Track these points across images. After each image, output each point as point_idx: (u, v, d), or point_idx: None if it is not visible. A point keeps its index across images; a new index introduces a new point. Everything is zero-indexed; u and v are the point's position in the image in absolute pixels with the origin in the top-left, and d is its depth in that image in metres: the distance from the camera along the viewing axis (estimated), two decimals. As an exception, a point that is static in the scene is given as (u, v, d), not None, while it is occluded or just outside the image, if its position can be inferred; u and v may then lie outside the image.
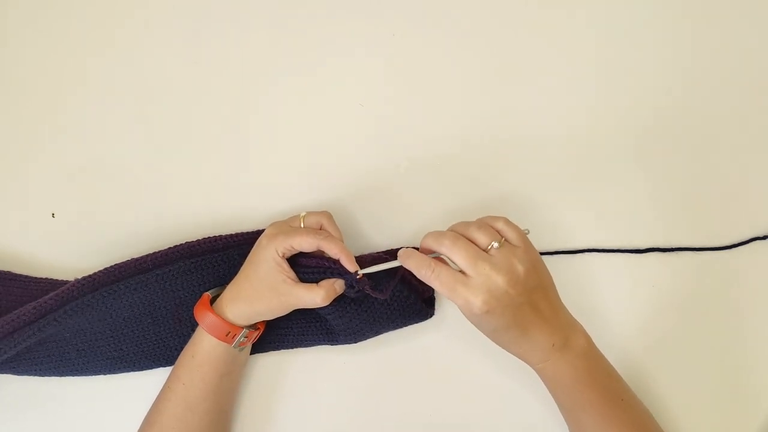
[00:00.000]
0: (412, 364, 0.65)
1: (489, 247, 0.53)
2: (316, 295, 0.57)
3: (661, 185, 0.68)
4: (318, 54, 0.69)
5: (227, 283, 0.62)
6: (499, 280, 0.51)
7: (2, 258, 0.66)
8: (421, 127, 0.68)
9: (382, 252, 0.65)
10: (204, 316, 0.58)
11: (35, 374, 0.62)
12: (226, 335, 0.58)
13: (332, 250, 0.57)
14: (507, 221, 0.55)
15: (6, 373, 0.62)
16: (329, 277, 0.58)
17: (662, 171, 0.68)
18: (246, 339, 0.59)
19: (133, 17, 0.70)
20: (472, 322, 0.54)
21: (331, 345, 0.64)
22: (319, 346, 0.65)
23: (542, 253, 0.66)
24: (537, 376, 0.58)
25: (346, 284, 0.58)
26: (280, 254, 0.57)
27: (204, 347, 0.58)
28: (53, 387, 0.64)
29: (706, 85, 0.70)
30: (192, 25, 0.70)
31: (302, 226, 0.59)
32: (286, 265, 0.58)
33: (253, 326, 0.60)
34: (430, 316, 0.64)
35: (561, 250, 0.67)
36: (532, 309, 0.54)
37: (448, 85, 0.69)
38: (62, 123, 0.68)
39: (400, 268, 0.57)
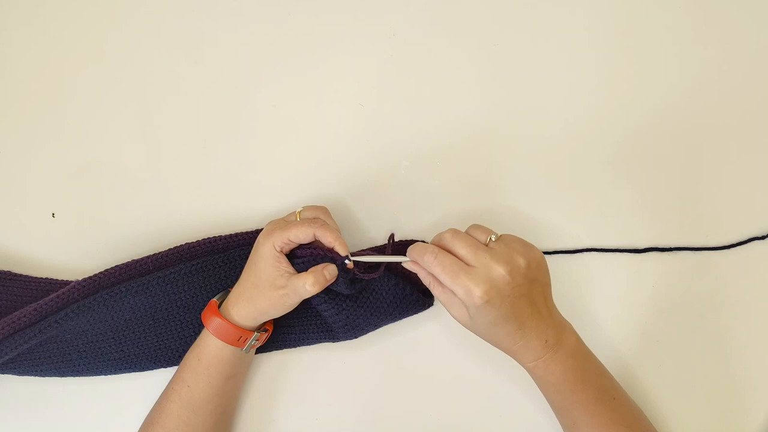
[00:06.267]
0: (412, 362, 0.65)
1: (488, 240, 0.54)
2: (306, 281, 0.56)
3: (660, 185, 0.68)
4: (318, 54, 0.70)
5: (230, 287, 0.62)
6: (500, 270, 0.52)
7: (2, 258, 0.66)
8: (421, 126, 0.69)
9: (378, 246, 0.65)
10: (213, 322, 0.58)
11: (36, 374, 0.62)
12: (238, 340, 0.58)
13: (327, 238, 0.57)
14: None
15: (7, 373, 0.62)
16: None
17: (662, 171, 0.68)
18: (257, 342, 0.60)
19: (133, 17, 0.70)
20: (466, 319, 0.54)
21: (332, 342, 0.64)
22: (320, 346, 0.65)
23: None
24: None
25: (337, 266, 0.57)
26: (278, 249, 0.57)
27: (211, 351, 0.58)
28: (54, 387, 0.64)
29: (705, 84, 0.70)
30: (192, 25, 0.70)
31: (298, 219, 0.59)
32: (284, 260, 0.58)
33: (263, 328, 0.60)
34: (429, 306, 0.64)
35: (561, 249, 0.67)
36: (530, 303, 0.54)
37: (448, 84, 0.69)
38: (62, 123, 0.68)
39: (386, 260, 0.58)
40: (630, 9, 0.71)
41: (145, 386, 0.64)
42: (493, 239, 0.54)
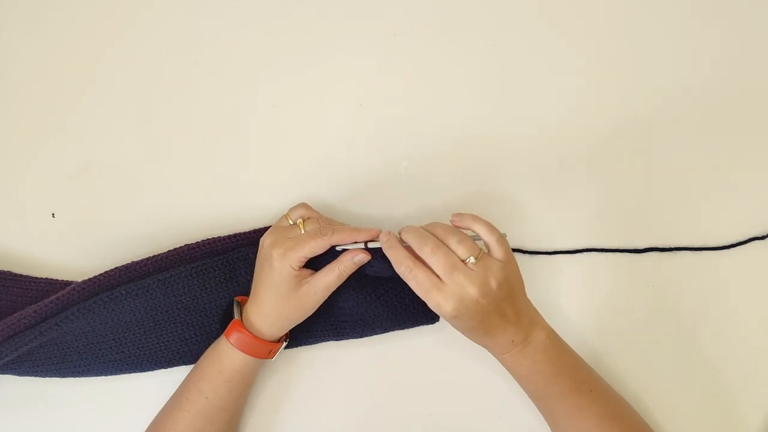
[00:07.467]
0: (413, 363, 0.65)
1: (467, 260, 0.54)
2: (331, 273, 0.57)
3: (660, 184, 0.68)
4: (318, 54, 0.70)
5: (230, 289, 0.63)
6: (471, 291, 0.53)
7: (2, 258, 0.66)
8: (421, 126, 0.69)
9: None
10: (241, 340, 0.58)
11: (36, 375, 0.62)
12: (269, 353, 0.59)
13: (346, 240, 0.57)
14: (489, 227, 0.57)
15: (7, 373, 0.62)
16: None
17: (662, 170, 0.68)
18: (283, 348, 0.61)
19: (133, 17, 0.70)
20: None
21: (336, 340, 0.64)
22: (321, 347, 0.65)
23: (541, 253, 0.67)
24: None
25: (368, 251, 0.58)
26: (296, 268, 0.57)
27: (236, 365, 0.58)
28: (54, 387, 0.64)
29: (703, 83, 0.70)
30: (192, 25, 0.70)
31: (302, 229, 0.59)
32: (304, 271, 0.58)
33: (286, 335, 0.61)
34: (436, 321, 0.64)
35: (560, 249, 0.67)
36: (499, 315, 0.55)
37: (448, 84, 0.69)
38: (62, 123, 0.68)
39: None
40: (630, 8, 0.71)
41: (145, 387, 0.64)
42: (473, 261, 0.54)
